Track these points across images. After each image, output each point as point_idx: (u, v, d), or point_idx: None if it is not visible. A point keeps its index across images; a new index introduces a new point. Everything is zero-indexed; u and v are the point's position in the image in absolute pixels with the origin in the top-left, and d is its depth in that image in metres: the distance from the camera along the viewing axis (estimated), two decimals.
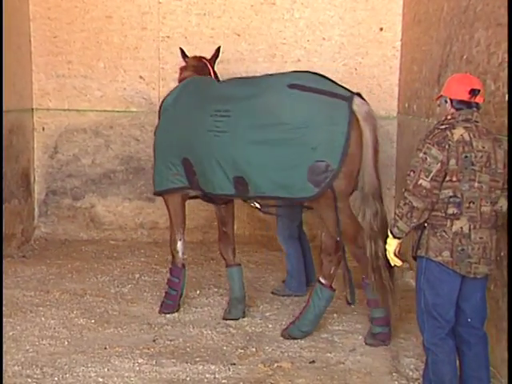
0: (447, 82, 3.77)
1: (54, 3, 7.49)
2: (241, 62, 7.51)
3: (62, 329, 4.96)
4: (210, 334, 4.97)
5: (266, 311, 5.48)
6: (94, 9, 7.52)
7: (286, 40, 7.46)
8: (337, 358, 4.55)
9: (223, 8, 7.47)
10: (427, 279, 3.59)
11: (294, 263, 5.87)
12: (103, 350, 4.64)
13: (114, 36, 7.58)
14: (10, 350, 4.56)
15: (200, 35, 7.47)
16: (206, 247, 7.37)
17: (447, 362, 3.58)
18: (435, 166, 3.46)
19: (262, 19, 7.46)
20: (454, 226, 3.50)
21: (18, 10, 7.23)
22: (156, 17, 7.50)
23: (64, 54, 7.52)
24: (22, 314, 5.23)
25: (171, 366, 4.40)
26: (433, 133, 3.55)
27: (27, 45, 7.47)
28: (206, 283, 6.17)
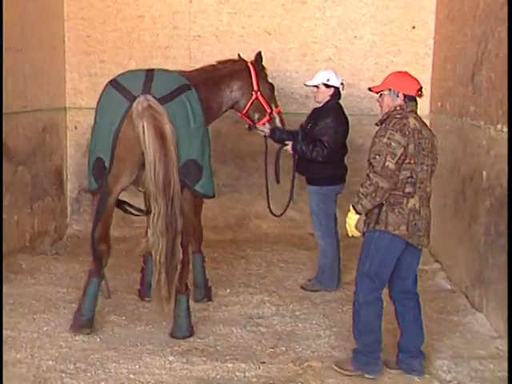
0: (393, 77, 4.26)
1: (87, 3, 7.59)
2: (271, 61, 7.47)
3: (95, 325, 5.01)
4: (240, 332, 4.99)
5: (295, 310, 5.47)
6: (126, 8, 7.61)
7: (317, 39, 7.46)
8: None
9: (254, 7, 7.49)
10: (378, 248, 4.09)
11: (329, 260, 5.87)
12: (134, 347, 4.68)
13: (146, 35, 7.65)
14: (44, 345, 4.65)
15: (231, 34, 7.50)
16: (235, 246, 7.39)
17: (377, 317, 4.20)
18: (399, 149, 3.96)
19: (292, 18, 7.46)
20: (409, 203, 4.04)
21: (53, 11, 7.35)
22: (187, 16, 7.55)
23: (97, 54, 7.61)
24: (55, 310, 5.31)
25: (201, 364, 4.43)
26: (392, 121, 4.05)
27: (61, 45, 7.58)
28: (235, 281, 6.19)
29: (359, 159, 7.39)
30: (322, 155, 5.67)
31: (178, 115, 4.49)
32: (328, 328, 5.07)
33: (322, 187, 5.84)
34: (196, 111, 4.58)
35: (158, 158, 4.38)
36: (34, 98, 6.80)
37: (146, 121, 4.38)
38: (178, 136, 4.45)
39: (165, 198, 4.41)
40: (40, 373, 4.24)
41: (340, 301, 5.65)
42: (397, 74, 4.36)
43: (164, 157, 4.38)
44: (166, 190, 4.41)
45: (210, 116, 5.67)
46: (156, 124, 4.38)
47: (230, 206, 7.79)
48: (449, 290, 5.94)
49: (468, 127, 5.78)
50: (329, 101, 5.84)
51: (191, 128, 4.54)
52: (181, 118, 4.50)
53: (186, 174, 4.52)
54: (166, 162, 4.39)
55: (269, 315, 5.36)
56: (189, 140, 4.52)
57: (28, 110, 6.67)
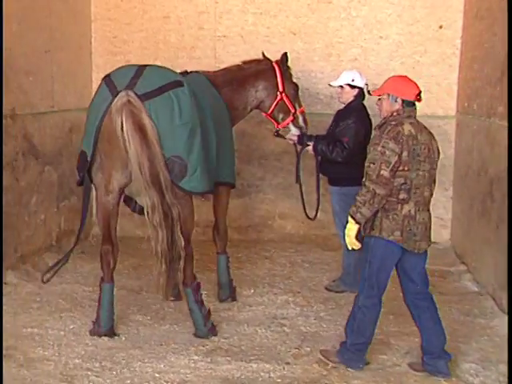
0: (392, 82, 4.27)
1: (114, 4, 7.65)
2: (296, 61, 7.46)
3: (120, 324, 5.05)
4: (264, 332, 4.99)
5: (320, 311, 5.46)
6: (152, 9, 7.65)
7: (343, 39, 7.42)
8: (393, 360, 4.51)
9: (279, 7, 7.48)
10: (374, 255, 4.16)
11: (353, 261, 5.83)
12: (159, 346, 4.71)
13: (172, 35, 7.68)
14: (70, 343, 4.70)
15: (256, 34, 7.50)
16: (260, 246, 7.40)
17: (373, 322, 4.30)
18: (393, 158, 4.00)
19: (318, 18, 7.44)
20: (404, 209, 4.09)
21: (80, 12, 7.43)
22: (212, 16, 7.57)
23: (123, 54, 7.66)
24: (81, 308, 5.36)
25: (226, 364, 4.44)
26: (387, 128, 4.08)
27: (88, 45, 7.65)
28: (260, 282, 6.19)
29: None
30: (341, 156, 5.64)
31: (161, 111, 4.47)
32: None
33: (342, 187, 5.82)
34: (184, 108, 4.54)
35: (140, 151, 4.38)
36: (61, 98, 6.86)
37: (124, 116, 4.39)
38: (160, 132, 4.44)
39: (155, 189, 4.42)
40: (67, 370, 4.29)
41: None
42: (396, 78, 4.39)
43: (147, 149, 4.39)
44: (154, 181, 4.41)
45: (236, 116, 5.69)
46: (135, 119, 4.39)
47: (255, 206, 7.79)
48: (475, 292, 5.88)
49: (496, 128, 5.71)
50: (352, 101, 5.81)
51: (176, 124, 4.50)
52: (163, 114, 4.47)
53: (171, 169, 4.50)
54: (150, 154, 4.40)
55: (293, 316, 5.35)
56: (173, 136, 4.49)
57: (55, 111, 6.73)
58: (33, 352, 4.53)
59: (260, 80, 5.75)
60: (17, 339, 4.71)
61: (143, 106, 4.41)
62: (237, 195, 7.07)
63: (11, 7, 5.83)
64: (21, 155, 6.12)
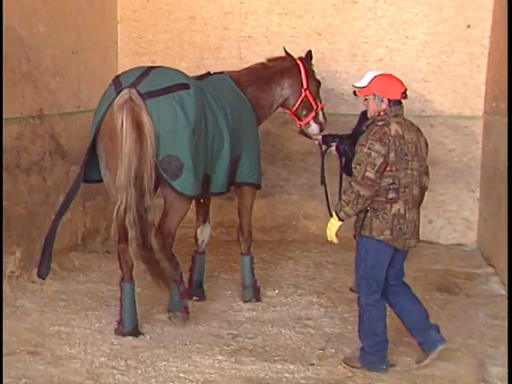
0: (378, 82, 4.30)
1: (140, 5, 7.70)
2: (321, 62, 7.45)
3: (145, 324, 5.08)
4: (288, 333, 4.99)
5: (344, 312, 5.44)
6: (177, 10, 7.68)
7: (368, 39, 7.38)
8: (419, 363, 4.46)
9: (305, 7, 7.47)
10: (367, 252, 4.21)
11: None
12: (184, 346, 4.72)
13: (197, 36, 7.71)
14: (96, 342, 4.74)
15: (281, 35, 7.49)
16: (284, 246, 7.38)
17: (381, 318, 4.31)
18: (379, 159, 4.03)
19: (343, 18, 7.41)
20: (393, 208, 4.13)
21: (107, 14, 7.50)
22: (238, 17, 7.58)
23: (148, 55, 7.71)
24: (106, 307, 5.39)
25: (250, 364, 4.44)
26: (373, 130, 4.12)
27: (114, 46, 7.72)
28: (284, 282, 6.18)
29: None
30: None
31: (162, 111, 4.50)
32: None
33: None
34: (187, 110, 4.55)
35: (133, 149, 4.40)
36: (87, 98, 6.92)
37: (124, 113, 4.41)
38: (160, 131, 4.46)
39: (135, 189, 4.42)
40: (93, 368, 4.33)
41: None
42: (381, 77, 4.40)
43: (140, 149, 4.40)
44: (137, 181, 4.42)
45: (262, 114, 5.69)
46: (134, 116, 4.41)
47: (279, 207, 7.79)
48: (503, 295, 5.80)
49: None
50: None
51: (177, 125, 4.52)
52: (165, 114, 4.50)
53: (165, 169, 4.51)
54: (142, 154, 4.41)
55: (317, 317, 5.34)
56: (172, 136, 4.51)
57: (81, 111, 6.79)
58: (60, 350, 4.58)
59: (285, 78, 5.76)
60: (44, 337, 4.77)
61: (144, 104, 4.44)
62: (261, 196, 7.06)
63: (39, 9, 5.92)
64: (48, 155, 6.20)
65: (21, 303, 5.36)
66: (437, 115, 7.34)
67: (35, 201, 5.94)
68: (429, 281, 6.18)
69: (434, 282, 6.13)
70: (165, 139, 4.48)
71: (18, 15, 5.54)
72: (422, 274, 6.35)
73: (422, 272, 6.42)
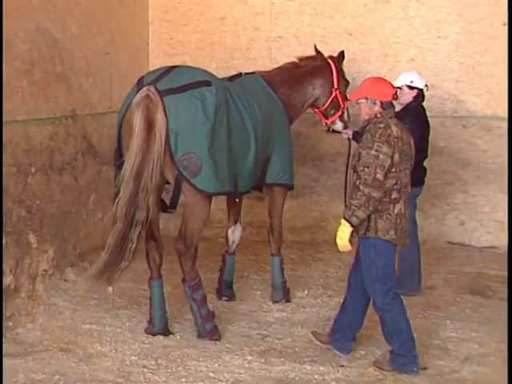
0: (369, 85, 4.36)
1: (171, 6, 7.76)
2: (352, 62, 7.42)
3: (174, 323, 5.12)
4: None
5: (374, 314, 5.31)
6: (208, 11, 7.73)
7: (400, 39, 7.34)
8: (451, 367, 4.43)
9: (336, 7, 7.45)
10: (377, 253, 4.22)
11: (409, 264, 5.77)
12: (213, 346, 4.75)
13: (227, 37, 7.75)
14: (127, 340, 4.79)
15: (311, 35, 7.47)
16: (313, 247, 7.37)
17: (402, 315, 4.30)
18: (387, 161, 4.10)
19: (375, 18, 7.37)
20: (396, 208, 4.19)
21: (138, 15, 7.59)
22: (268, 17, 7.60)
23: (179, 55, 7.76)
24: (137, 306, 5.45)
25: (280, 365, 4.44)
26: (377, 131, 4.14)
27: (145, 47, 7.80)
28: (314, 283, 6.17)
29: (441, 161, 7.25)
30: None
31: (181, 108, 4.49)
32: None
33: None
34: (207, 107, 4.54)
35: (140, 147, 4.40)
36: (118, 99, 6.93)
37: (140, 111, 4.42)
38: (178, 129, 4.45)
39: (133, 184, 4.41)
40: (124, 367, 4.37)
41: (421, 305, 5.54)
42: (372, 80, 4.47)
43: (146, 147, 4.40)
44: (136, 177, 4.40)
45: (294, 114, 5.70)
46: (147, 114, 4.41)
47: (308, 208, 7.78)
48: None
49: None
50: (411, 102, 5.74)
51: (195, 122, 4.50)
52: (183, 111, 4.49)
53: (185, 166, 4.49)
54: (146, 152, 4.40)
55: None
56: (191, 133, 4.49)
57: (113, 111, 6.84)
58: (91, 348, 4.64)
59: (317, 77, 5.76)
60: (76, 335, 4.84)
61: (161, 101, 4.44)
62: (291, 196, 7.05)
63: (73, 11, 6.00)
64: (80, 155, 6.28)
65: (53, 301, 5.45)
66: (470, 116, 7.26)
67: (67, 200, 6.03)
68: (461, 283, 6.12)
69: (466, 285, 6.07)
70: (183, 136, 4.47)
71: (53, 17, 5.63)
72: (453, 277, 6.29)
73: (453, 274, 6.37)
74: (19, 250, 5.21)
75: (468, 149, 7.29)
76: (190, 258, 4.74)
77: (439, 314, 5.35)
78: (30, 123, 5.36)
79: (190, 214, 4.69)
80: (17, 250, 5.18)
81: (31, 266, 5.42)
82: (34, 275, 5.47)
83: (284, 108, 5.51)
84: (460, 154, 7.34)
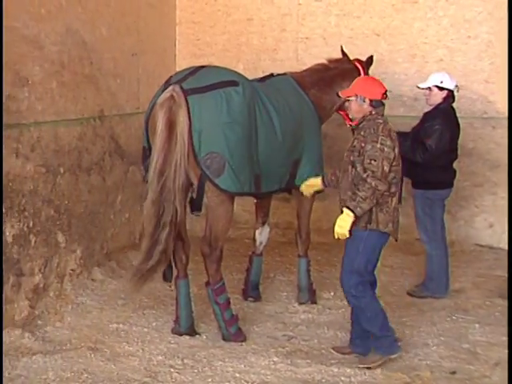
0: (360, 83, 4.51)
1: (198, 8, 7.80)
2: (379, 63, 7.36)
3: (201, 323, 5.14)
4: (345, 336, 4.94)
5: (402, 316, 5.36)
6: (235, 12, 7.75)
7: (428, 39, 7.28)
8: (480, 372, 4.37)
9: (363, 8, 7.42)
10: (366, 245, 4.34)
11: (436, 266, 5.73)
12: (239, 347, 4.75)
13: (254, 38, 7.76)
14: (153, 340, 4.82)
15: (339, 36, 7.45)
16: (339, 249, 7.25)
17: (374, 298, 4.48)
18: (392, 154, 4.23)
19: (403, 18, 7.33)
20: (393, 201, 4.33)
21: (166, 16, 7.64)
22: (295, 18, 7.59)
23: (206, 56, 7.78)
24: (163, 306, 5.47)
25: (306, 367, 4.43)
26: (379, 126, 4.27)
27: (172, 48, 7.84)
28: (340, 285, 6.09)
29: (470, 163, 7.18)
30: (421, 157, 5.54)
31: (205, 107, 4.49)
32: (436, 336, 4.94)
33: (426, 191, 5.73)
34: (233, 107, 4.55)
35: (162, 147, 4.43)
36: (146, 100, 6.96)
37: (163, 112, 4.45)
38: (201, 128, 4.45)
39: (157, 184, 4.43)
40: (151, 366, 4.40)
41: (449, 309, 5.49)
42: (363, 79, 4.65)
43: (168, 147, 4.42)
44: (160, 178, 4.43)
45: (324, 115, 5.70)
46: (169, 116, 4.43)
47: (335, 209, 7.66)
48: None
49: None
50: (440, 103, 5.70)
51: (220, 122, 4.50)
52: (208, 111, 4.49)
53: (208, 166, 4.50)
54: (169, 152, 4.42)
55: None
56: (215, 133, 4.49)
57: (140, 112, 6.89)
58: (118, 347, 4.67)
59: (346, 80, 5.71)
60: (104, 334, 4.88)
61: (185, 101, 4.45)
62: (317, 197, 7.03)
63: (102, 12, 6.06)
64: (108, 155, 6.33)
65: (81, 300, 5.50)
66: (499, 117, 7.16)
67: (95, 200, 6.08)
68: (490, 286, 6.05)
69: (495, 288, 5.99)
70: (206, 136, 4.48)
71: (83, 19, 5.69)
72: (482, 280, 6.22)
73: (482, 277, 6.30)
74: (48, 249, 5.28)
75: (497, 150, 7.20)
76: (214, 260, 4.76)
77: (468, 317, 5.29)
78: (59, 124, 5.42)
79: (214, 216, 4.71)
80: (45, 250, 5.24)
81: (59, 265, 5.48)
82: (62, 274, 5.53)
83: (315, 110, 5.51)
84: (489, 156, 7.25)
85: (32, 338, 4.68)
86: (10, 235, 4.72)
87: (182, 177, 4.48)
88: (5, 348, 4.49)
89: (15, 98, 4.76)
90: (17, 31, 4.76)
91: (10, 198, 4.72)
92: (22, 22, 4.83)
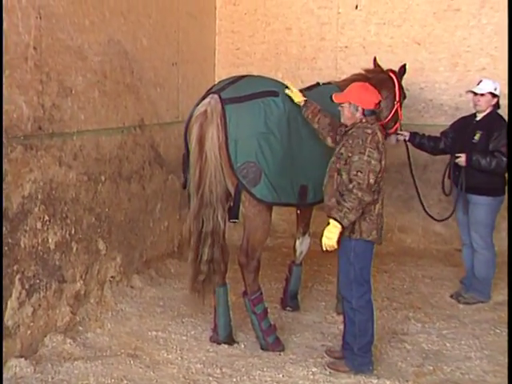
0: (354, 91, 4.43)
1: (238, 17, 7.87)
2: (420, 72, 7.37)
3: (239, 332, 5.16)
4: (384, 348, 4.92)
5: (443, 328, 5.30)
6: (274, 21, 7.80)
7: (471, 48, 7.21)
8: None
9: (404, 16, 7.39)
10: (356, 255, 4.35)
11: (484, 269, 5.78)
12: (277, 356, 4.75)
13: (293, 47, 7.79)
14: (192, 348, 4.85)
15: (378, 45, 7.45)
16: (378, 259, 7.22)
17: (371, 318, 4.48)
18: (378, 166, 4.21)
19: (444, 27, 7.27)
20: (376, 208, 4.34)
21: (206, 26, 7.73)
22: (335, 27, 7.60)
23: (245, 66, 7.85)
24: (201, 315, 5.48)
25: (345, 378, 4.41)
26: (368, 137, 4.24)
27: (212, 57, 7.93)
28: (378, 296, 6.08)
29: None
30: (502, 166, 5.53)
31: (243, 117, 4.52)
32: (479, 350, 4.88)
33: (495, 198, 5.73)
34: (271, 118, 4.58)
35: (196, 163, 4.52)
36: (185, 109, 7.11)
37: (196, 127, 4.53)
38: (237, 137, 4.49)
39: (197, 198, 4.52)
40: (189, 374, 4.43)
41: (492, 321, 5.41)
42: (359, 86, 4.53)
43: (201, 161, 4.50)
44: (198, 190, 4.52)
45: None
46: (200, 132, 4.51)
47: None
48: None
49: None
50: (493, 110, 5.73)
51: (257, 131, 4.53)
52: (244, 120, 4.52)
53: (244, 175, 4.53)
54: (202, 169, 4.50)
55: (414, 332, 5.24)
56: (251, 143, 4.52)
57: (180, 121, 6.98)
58: (157, 355, 4.72)
59: (383, 90, 5.74)
60: (143, 341, 4.94)
61: (221, 111, 4.50)
62: None
63: (143, 23, 6.16)
64: (147, 164, 6.41)
65: (121, 307, 5.57)
66: None
67: (134, 208, 6.16)
68: None
69: None
70: (243, 145, 4.52)
71: (124, 30, 5.79)
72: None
73: None
74: (89, 256, 5.36)
75: None
76: (252, 270, 4.78)
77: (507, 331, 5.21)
78: (101, 133, 5.52)
79: (252, 226, 4.73)
80: (86, 257, 5.32)
81: (100, 272, 5.56)
82: (103, 281, 5.61)
83: None
84: None
85: (73, 343, 4.76)
86: (52, 242, 4.81)
87: (218, 188, 4.56)
88: (48, 353, 4.59)
89: (59, 107, 4.86)
90: (62, 42, 4.86)
91: (53, 205, 4.81)
92: (67, 33, 4.93)
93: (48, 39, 4.69)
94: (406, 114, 6.91)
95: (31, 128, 4.53)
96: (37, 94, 4.59)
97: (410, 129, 6.26)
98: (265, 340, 4.85)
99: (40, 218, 4.65)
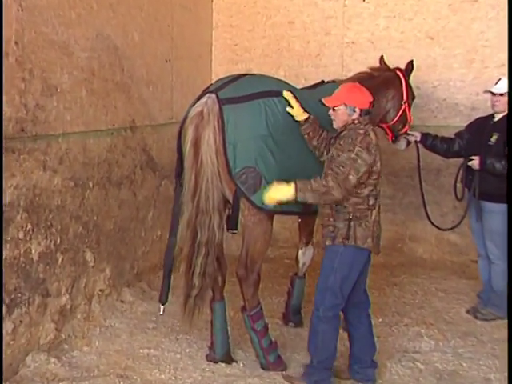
0: (347, 92, 4.47)
1: (236, 10, 7.88)
2: (433, 69, 7.36)
3: (237, 350, 5.14)
4: (394, 367, 4.92)
5: (458, 347, 5.29)
6: (276, 14, 7.81)
7: (489, 42, 7.18)
8: None
9: (416, 9, 7.38)
10: (342, 262, 4.37)
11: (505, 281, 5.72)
12: (279, 376, 4.74)
13: (296, 42, 7.80)
14: (187, 367, 4.84)
15: (388, 40, 7.45)
16: (388, 271, 7.27)
17: (336, 333, 4.53)
18: (364, 167, 4.23)
19: (460, 19, 7.25)
20: (372, 215, 4.38)
21: (202, 20, 7.75)
22: (341, 21, 7.61)
23: (244, 62, 7.86)
24: (197, 331, 5.46)
25: None
26: (358, 137, 4.29)
27: (208, 54, 7.94)
28: (388, 310, 6.09)
29: None
30: None
31: (241, 119, 4.50)
32: (499, 371, 4.84)
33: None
34: (272, 119, 4.57)
35: (190, 169, 4.50)
36: (179, 109, 7.10)
37: (191, 129, 4.52)
38: (236, 141, 4.47)
39: (192, 204, 4.50)
40: None
41: None
42: (349, 87, 4.57)
43: (196, 166, 4.48)
44: (193, 199, 4.50)
45: None
46: (196, 134, 4.49)
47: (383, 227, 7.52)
48: None
49: None
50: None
51: (257, 135, 4.51)
52: (243, 122, 4.51)
53: (243, 182, 4.51)
54: (198, 175, 4.48)
55: (427, 350, 5.23)
56: (250, 146, 4.50)
57: (174, 122, 6.98)
58: (149, 374, 4.71)
59: (389, 90, 5.77)
60: (134, 360, 4.92)
61: (218, 112, 4.48)
62: None
63: (135, 16, 6.16)
64: (139, 168, 6.41)
65: (110, 323, 5.56)
66: None
67: (125, 216, 6.15)
68: None
69: None
70: (242, 149, 4.50)
71: (114, 23, 5.79)
72: None
73: None
74: (75, 268, 5.35)
75: None
76: (251, 284, 4.77)
77: None
78: (89, 135, 5.51)
79: (251, 237, 4.71)
80: (73, 269, 5.31)
81: (87, 285, 5.55)
82: (90, 295, 5.60)
83: None
84: None
85: (58, 363, 4.74)
86: (35, 253, 4.80)
87: (215, 196, 4.54)
88: (29, 374, 4.57)
89: (43, 107, 4.86)
90: (46, 36, 4.86)
91: (37, 213, 4.80)
92: (51, 26, 4.93)
93: (31, 33, 4.68)
94: (417, 114, 6.94)
95: (13, 130, 4.53)
96: (19, 93, 4.58)
97: (422, 130, 6.25)
98: (265, 359, 4.83)
99: (22, 226, 4.64)
